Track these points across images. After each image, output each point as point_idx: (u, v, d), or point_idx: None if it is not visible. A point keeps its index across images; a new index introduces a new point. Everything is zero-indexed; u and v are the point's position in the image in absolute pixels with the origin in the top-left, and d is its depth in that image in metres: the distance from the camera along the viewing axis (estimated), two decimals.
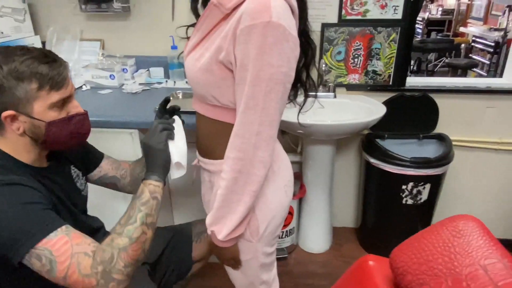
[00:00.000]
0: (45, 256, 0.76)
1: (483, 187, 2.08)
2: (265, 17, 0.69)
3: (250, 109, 0.75)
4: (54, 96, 0.84)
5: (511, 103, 1.88)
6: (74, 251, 0.78)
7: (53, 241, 0.76)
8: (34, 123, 0.84)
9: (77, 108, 0.91)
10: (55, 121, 0.85)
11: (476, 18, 5.74)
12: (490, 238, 0.56)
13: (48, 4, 1.92)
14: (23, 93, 0.80)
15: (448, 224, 0.58)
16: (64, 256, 0.76)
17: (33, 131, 0.85)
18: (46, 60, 0.83)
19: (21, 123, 0.83)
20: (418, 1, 1.75)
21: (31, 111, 0.82)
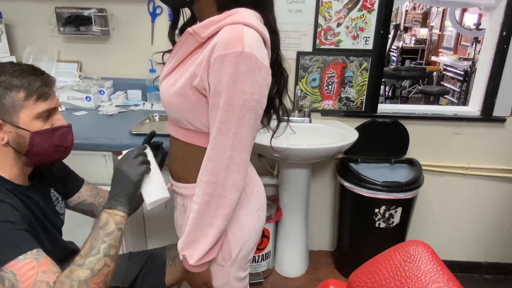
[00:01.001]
0: (8, 279, 0.74)
1: (452, 211, 2.15)
2: (238, 47, 0.72)
3: (223, 134, 0.77)
4: (40, 106, 0.85)
5: (476, 130, 1.98)
6: (38, 278, 0.75)
7: (20, 264, 0.75)
8: (19, 132, 0.85)
9: (61, 121, 0.93)
10: (39, 131, 0.86)
11: (447, 48, 6.05)
12: (438, 262, 0.59)
13: (25, 25, 1.92)
14: (10, 101, 0.82)
15: (400, 249, 0.61)
16: (27, 282, 0.74)
17: (17, 142, 0.86)
18: (34, 72, 0.87)
19: (6, 133, 0.84)
20: (387, 33, 1.84)
21: (17, 120, 0.84)
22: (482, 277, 2.20)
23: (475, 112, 1.98)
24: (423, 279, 0.54)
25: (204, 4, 0.83)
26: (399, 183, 1.76)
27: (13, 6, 1.88)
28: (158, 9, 1.85)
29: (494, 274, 2.21)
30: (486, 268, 2.22)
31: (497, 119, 1.94)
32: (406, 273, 0.57)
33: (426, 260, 0.56)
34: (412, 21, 7.10)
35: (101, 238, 0.85)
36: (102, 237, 0.85)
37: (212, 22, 0.78)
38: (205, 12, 0.83)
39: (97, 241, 0.84)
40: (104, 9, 1.84)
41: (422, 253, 0.58)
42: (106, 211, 0.90)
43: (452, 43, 5.88)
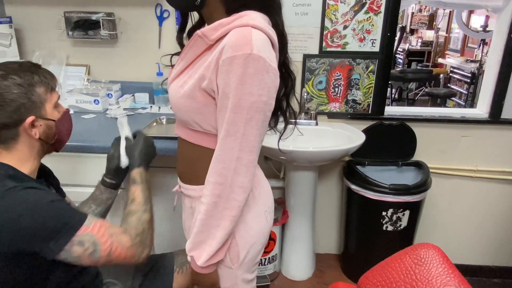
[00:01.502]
0: (87, 241, 0.83)
1: (460, 214, 2.13)
2: (246, 50, 0.73)
3: (231, 135, 0.78)
4: (54, 96, 0.93)
5: (484, 132, 1.96)
6: (110, 232, 0.88)
7: (90, 227, 0.85)
8: (48, 124, 0.92)
9: (62, 107, 0.99)
10: (60, 118, 0.95)
11: (453, 50, 6.01)
12: (449, 265, 0.59)
13: (35, 30, 1.95)
14: (37, 97, 0.88)
15: (411, 252, 0.61)
16: (104, 237, 0.86)
17: (47, 133, 0.93)
18: (38, 66, 0.93)
19: (37, 127, 0.90)
20: (394, 35, 1.84)
21: (45, 113, 0.91)
22: (491, 281, 2.18)
23: (483, 114, 1.97)
24: (434, 282, 0.54)
25: (213, 7, 0.84)
26: (407, 186, 1.75)
27: (22, 11, 1.91)
28: (165, 13, 1.87)
29: (503, 278, 2.18)
30: (495, 272, 2.19)
31: (506, 122, 1.92)
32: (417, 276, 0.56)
33: (437, 263, 0.56)
34: (418, 23, 7.08)
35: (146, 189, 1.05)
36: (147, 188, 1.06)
37: (221, 25, 0.78)
38: (214, 15, 0.83)
39: (147, 191, 1.05)
40: (112, 13, 1.86)
41: (433, 256, 0.58)
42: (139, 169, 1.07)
43: (458, 45, 5.85)
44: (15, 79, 0.85)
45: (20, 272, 0.83)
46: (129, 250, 0.91)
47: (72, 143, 1.43)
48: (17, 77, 0.85)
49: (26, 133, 0.88)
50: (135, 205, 1.01)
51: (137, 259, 0.93)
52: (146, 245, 0.96)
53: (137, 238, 0.93)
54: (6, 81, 0.84)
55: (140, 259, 0.94)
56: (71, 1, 1.88)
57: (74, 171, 1.50)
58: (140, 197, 1.02)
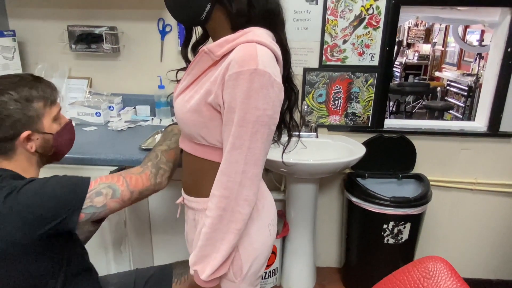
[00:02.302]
0: (103, 188, 0.89)
1: (461, 227, 2.13)
2: (252, 65, 0.74)
3: (237, 149, 0.78)
4: (54, 109, 0.95)
5: (483, 145, 1.97)
6: (119, 173, 0.95)
7: (97, 179, 0.91)
8: (45, 137, 0.94)
9: (64, 118, 1.02)
10: (59, 131, 0.97)
11: (450, 63, 6.09)
12: (458, 279, 0.59)
13: (38, 43, 1.97)
14: (34, 112, 0.90)
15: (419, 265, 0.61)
16: (115, 178, 0.93)
17: (44, 146, 0.95)
18: (39, 80, 0.95)
19: (34, 141, 0.92)
20: (393, 50, 1.87)
21: (42, 127, 0.93)
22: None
23: (482, 127, 1.99)
24: None
25: (218, 23, 0.85)
26: (408, 199, 1.76)
27: (26, 24, 1.93)
28: (167, 27, 1.90)
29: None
30: (496, 285, 2.18)
31: (504, 135, 1.94)
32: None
33: (445, 276, 0.56)
34: (415, 37, 7.18)
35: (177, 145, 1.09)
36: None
37: (226, 41, 0.80)
38: (219, 31, 0.85)
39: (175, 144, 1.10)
40: (115, 27, 1.88)
41: (441, 269, 0.58)
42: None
43: (455, 59, 5.93)
44: (12, 95, 0.87)
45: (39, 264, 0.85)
46: (143, 176, 0.97)
47: (73, 155, 1.45)
48: (14, 93, 0.87)
49: (22, 146, 0.91)
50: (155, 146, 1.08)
51: (154, 183, 0.99)
52: (159, 167, 1.01)
53: (148, 163, 0.99)
54: (3, 97, 0.86)
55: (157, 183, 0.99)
56: (75, 15, 1.90)
57: None
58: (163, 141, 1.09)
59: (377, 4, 1.79)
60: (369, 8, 1.79)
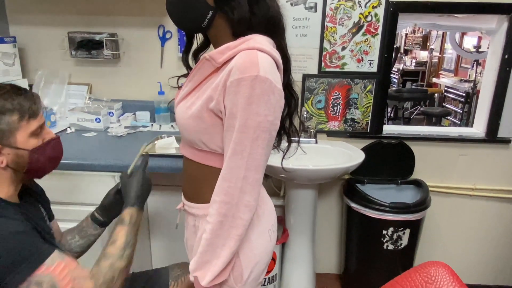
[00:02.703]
0: (46, 282, 0.78)
1: (459, 233, 2.13)
2: (253, 72, 0.75)
3: (238, 154, 0.79)
4: (33, 124, 0.90)
5: (481, 151, 1.98)
6: (73, 275, 0.82)
7: (52, 267, 0.80)
8: (18, 153, 0.88)
9: (50, 133, 0.97)
10: (36, 148, 0.91)
11: (447, 70, 6.13)
12: (460, 284, 0.59)
13: (38, 49, 1.98)
14: (6, 125, 0.85)
15: (421, 270, 0.61)
16: (65, 280, 0.81)
17: (17, 162, 0.89)
18: (20, 92, 0.89)
19: (5, 156, 0.87)
20: (391, 56, 1.89)
21: (15, 141, 0.87)
22: None
23: (480, 133, 2.00)
24: None
25: (220, 30, 0.86)
26: (407, 204, 1.76)
27: (27, 31, 1.95)
28: (168, 33, 1.91)
29: None
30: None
31: (502, 140, 1.95)
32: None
33: (447, 281, 0.56)
34: (412, 44, 7.23)
35: (132, 233, 0.97)
36: (133, 232, 0.98)
37: (227, 48, 0.81)
38: (220, 38, 0.86)
39: (131, 235, 0.97)
40: (115, 34, 1.90)
41: (443, 274, 0.58)
42: (133, 209, 1.00)
43: (452, 65, 5.97)
44: None
45: None
46: None
47: (73, 161, 1.45)
48: None
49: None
50: (114, 248, 0.94)
51: None
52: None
53: (102, 286, 0.87)
54: None
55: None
56: (75, 22, 1.91)
57: (75, 189, 1.50)
58: (122, 240, 0.95)
59: (375, 11, 1.80)
60: (367, 15, 1.81)
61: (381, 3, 1.79)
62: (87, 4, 1.89)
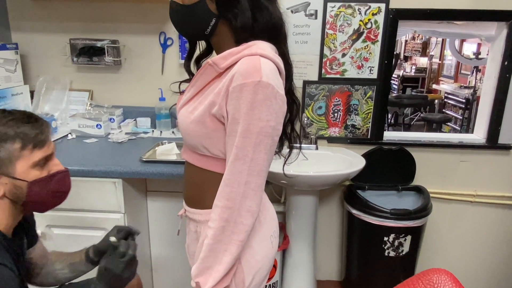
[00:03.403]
0: None
1: (461, 239, 2.12)
2: (256, 77, 0.75)
3: (240, 160, 0.79)
4: (37, 154, 0.85)
5: (482, 157, 1.98)
6: None
7: None
8: (16, 183, 0.83)
9: (58, 166, 0.91)
10: (37, 180, 0.85)
11: (447, 76, 6.15)
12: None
13: (40, 56, 1.99)
14: (5, 154, 0.81)
15: (423, 277, 0.61)
16: None
17: (14, 193, 0.84)
18: (28, 120, 0.85)
19: (2, 185, 0.83)
20: (391, 63, 1.89)
21: (13, 171, 0.83)
22: None
23: (481, 139, 2.00)
24: None
25: (222, 37, 0.87)
26: (408, 211, 1.76)
27: (29, 37, 1.96)
28: (169, 40, 1.92)
29: None
30: None
31: (503, 147, 1.95)
32: None
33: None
34: (412, 50, 7.26)
35: None
36: None
37: (230, 54, 0.81)
38: (223, 45, 0.87)
39: None
40: (117, 41, 1.91)
41: (445, 281, 0.58)
42: None
43: (452, 72, 5.99)
44: None
45: None
46: None
47: (73, 167, 1.45)
48: None
49: None
50: None
51: None
52: None
53: None
54: None
55: None
56: (77, 29, 1.93)
57: (76, 195, 1.50)
58: None
59: (375, 18, 1.82)
60: (367, 22, 1.82)
61: (381, 10, 1.80)
62: (89, 11, 1.90)
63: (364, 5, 1.80)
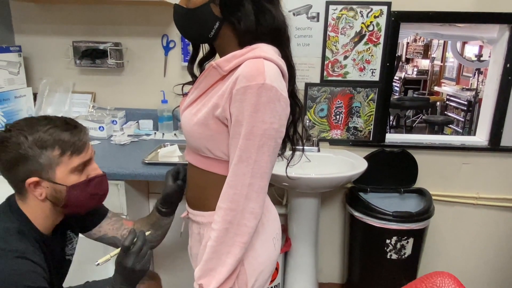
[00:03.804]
0: None
1: (463, 242, 2.11)
2: (260, 80, 0.76)
3: (243, 162, 0.79)
4: (75, 160, 0.90)
5: (485, 159, 1.98)
6: None
7: None
8: (56, 188, 0.89)
9: (96, 170, 0.96)
10: (75, 184, 0.91)
11: (449, 78, 6.15)
12: None
13: (43, 58, 2.00)
14: (46, 160, 0.86)
15: (426, 280, 0.61)
16: None
17: (55, 196, 0.90)
18: (67, 127, 0.90)
19: (44, 188, 0.89)
20: (393, 65, 1.90)
21: (54, 176, 0.88)
22: None
23: (483, 142, 2.00)
24: None
25: (226, 40, 0.87)
26: (410, 213, 1.75)
27: (32, 40, 1.97)
28: (171, 43, 1.93)
29: None
30: None
31: (505, 149, 1.95)
32: None
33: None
34: (413, 52, 7.27)
35: None
36: None
37: (234, 57, 0.81)
38: (227, 48, 0.87)
39: None
40: (119, 43, 1.92)
41: (449, 284, 0.58)
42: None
43: (454, 74, 5.98)
44: (28, 139, 0.85)
45: None
46: None
47: None
48: (31, 137, 0.85)
49: (31, 191, 0.89)
50: None
51: None
52: None
53: None
54: (22, 137, 0.85)
55: None
56: (80, 31, 1.94)
57: None
58: None
59: (377, 21, 1.82)
60: (369, 25, 1.83)
61: (383, 12, 1.80)
62: (91, 13, 1.91)
63: (366, 8, 1.80)
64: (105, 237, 1.16)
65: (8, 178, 0.90)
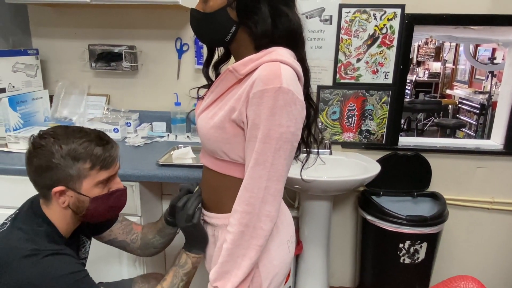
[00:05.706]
0: None
1: (478, 247, 2.08)
2: (276, 83, 0.76)
3: (260, 165, 0.80)
4: (102, 174, 0.93)
5: (500, 163, 1.95)
6: None
7: None
8: (80, 198, 0.92)
9: (118, 184, 0.99)
10: (98, 196, 0.94)
11: (461, 81, 6.07)
12: None
13: (59, 61, 2.03)
14: (76, 171, 0.89)
15: (450, 284, 0.60)
16: None
17: (77, 205, 0.93)
18: (101, 142, 0.93)
19: (68, 197, 0.92)
20: (406, 68, 1.88)
21: (80, 187, 0.91)
22: None
23: (498, 145, 1.97)
24: None
25: (242, 44, 0.88)
26: (424, 217, 1.74)
27: (49, 43, 2.01)
28: (185, 46, 1.94)
29: None
30: None
31: None
32: None
33: None
34: (425, 55, 7.20)
35: (181, 276, 1.02)
36: (182, 276, 1.02)
37: (250, 60, 0.82)
38: (243, 51, 0.88)
39: (177, 278, 1.01)
40: (134, 46, 1.94)
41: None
42: (185, 252, 1.02)
43: (466, 77, 5.91)
44: (63, 149, 0.88)
45: None
46: None
47: None
48: (66, 147, 0.88)
49: (55, 198, 0.91)
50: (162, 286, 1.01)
51: None
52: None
53: None
54: (57, 146, 0.88)
55: None
56: (96, 35, 1.97)
57: None
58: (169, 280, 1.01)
59: (390, 23, 1.81)
60: (382, 27, 1.82)
61: (397, 15, 1.80)
62: (107, 17, 1.94)
63: (380, 10, 1.80)
64: (115, 241, 1.18)
65: (34, 182, 0.93)
